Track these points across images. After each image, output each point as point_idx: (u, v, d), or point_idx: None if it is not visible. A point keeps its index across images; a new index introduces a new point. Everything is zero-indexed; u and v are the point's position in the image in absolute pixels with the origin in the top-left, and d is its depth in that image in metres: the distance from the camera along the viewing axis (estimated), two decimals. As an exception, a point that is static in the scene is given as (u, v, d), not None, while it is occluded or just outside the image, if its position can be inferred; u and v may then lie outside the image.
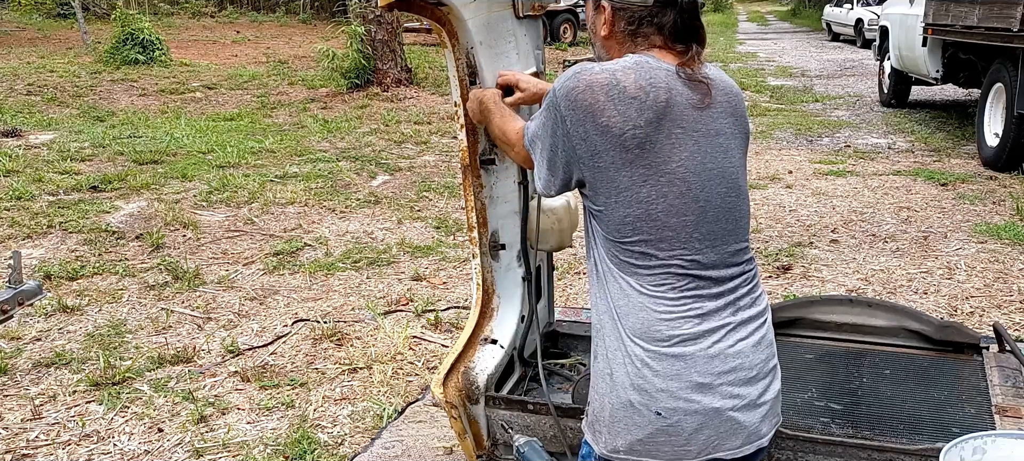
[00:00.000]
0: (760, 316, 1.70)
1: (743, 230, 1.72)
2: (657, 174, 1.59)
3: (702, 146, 1.63)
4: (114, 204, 6.02)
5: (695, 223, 1.62)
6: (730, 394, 1.61)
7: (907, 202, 6.07)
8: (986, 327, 3.75)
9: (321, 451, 2.95)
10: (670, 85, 1.60)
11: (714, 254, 1.65)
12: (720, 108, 1.68)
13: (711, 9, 40.85)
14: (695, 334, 1.61)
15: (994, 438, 1.77)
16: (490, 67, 2.17)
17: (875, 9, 17.47)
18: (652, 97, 1.58)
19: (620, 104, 1.57)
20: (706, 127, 1.64)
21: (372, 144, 8.36)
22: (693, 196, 1.61)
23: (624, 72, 1.60)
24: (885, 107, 10.75)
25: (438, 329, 3.97)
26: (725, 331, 1.63)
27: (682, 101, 1.61)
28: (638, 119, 1.56)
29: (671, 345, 1.59)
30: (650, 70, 1.61)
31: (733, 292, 1.67)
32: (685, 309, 1.62)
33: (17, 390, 3.42)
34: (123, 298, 4.39)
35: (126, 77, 12.37)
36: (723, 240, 1.66)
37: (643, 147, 1.57)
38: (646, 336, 1.61)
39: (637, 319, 1.61)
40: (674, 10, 1.67)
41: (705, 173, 1.63)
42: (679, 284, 1.62)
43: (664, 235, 1.60)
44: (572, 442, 2.21)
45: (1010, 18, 6.33)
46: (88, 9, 20.09)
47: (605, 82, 1.59)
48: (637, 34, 1.69)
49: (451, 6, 2.01)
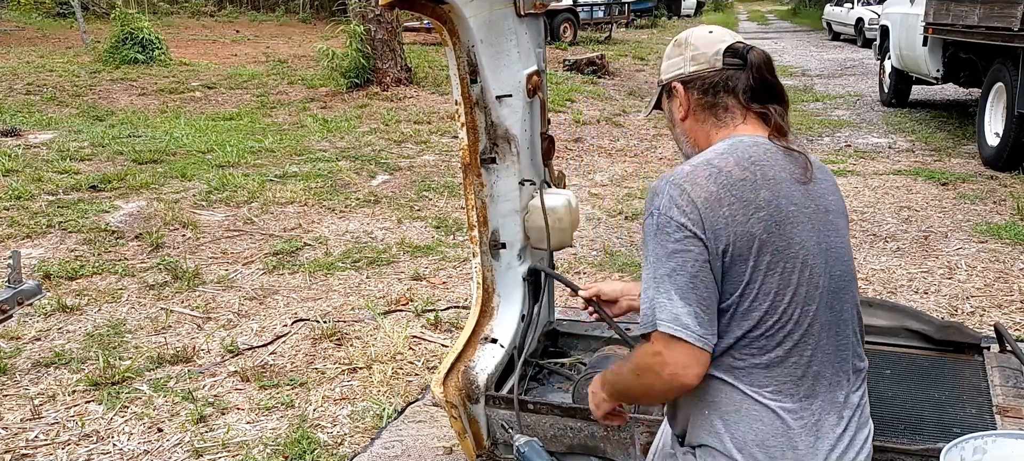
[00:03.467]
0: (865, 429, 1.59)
1: (859, 327, 1.58)
2: (783, 261, 1.42)
3: (816, 226, 1.48)
4: (113, 204, 6.01)
5: (815, 313, 1.46)
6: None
7: (908, 202, 6.06)
8: (987, 327, 3.74)
9: (321, 451, 2.94)
10: (772, 164, 1.47)
11: (835, 356, 1.50)
12: (822, 185, 1.54)
13: (711, 8, 40.87)
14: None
15: (995, 438, 1.77)
16: (491, 65, 2.16)
17: (876, 8, 17.47)
18: (760, 174, 1.44)
19: (733, 189, 1.42)
20: (815, 203, 1.50)
21: (372, 143, 8.35)
22: (813, 283, 1.45)
23: (721, 158, 1.46)
24: (886, 106, 10.75)
25: (438, 329, 3.96)
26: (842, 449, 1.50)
27: (787, 179, 1.47)
28: (756, 200, 1.42)
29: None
30: (745, 147, 1.48)
31: (853, 405, 1.54)
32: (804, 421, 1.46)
33: (16, 390, 3.42)
34: (122, 298, 4.39)
35: (125, 76, 12.36)
36: (843, 334, 1.51)
37: (769, 232, 1.41)
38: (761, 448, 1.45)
39: (750, 430, 1.46)
40: (746, 69, 1.55)
41: (823, 256, 1.47)
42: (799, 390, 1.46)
43: (785, 328, 1.43)
44: (572, 442, 2.21)
45: (1011, 18, 6.33)
46: (87, 8, 20.08)
47: (705, 173, 1.43)
48: (716, 104, 1.56)
49: (452, 5, 2.00)
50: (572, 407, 2.20)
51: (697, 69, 1.56)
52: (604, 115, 10.31)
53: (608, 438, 2.13)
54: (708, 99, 1.56)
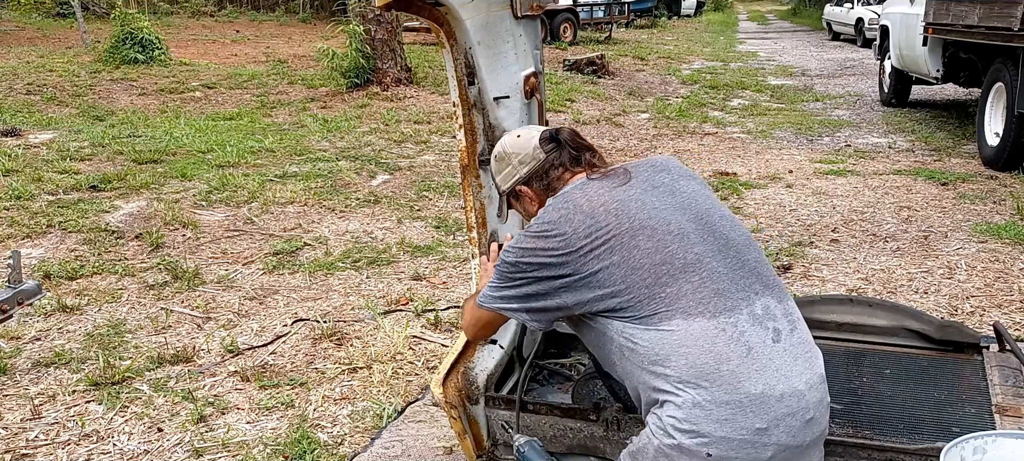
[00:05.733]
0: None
1: (744, 247, 1.81)
2: (617, 239, 1.73)
3: (646, 200, 1.79)
4: (113, 203, 6.01)
5: (685, 246, 1.73)
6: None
7: (907, 201, 6.06)
8: (986, 327, 3.75)
9: (321, 451, 2.94)
10: (585, 191, 1.82)
11: (733, 272, 1.74)
12: (646, 174, 1.87)
13: (711, 8, 40.86)
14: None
15: (994, 438, 1.77)
16: (489, 67, 2.16)
17: (875, 8, 17.47)
18: (572, 205, 1.79)
19: (553, 229, 1.77)
20: (640, 187, 1.82)
21: (372, 143, 8.35)
22: (663, 231, 1.74)
23: (545, 212, 1.83)
24: (885, 106, 10.75)
25: (438, 329, 3.96)
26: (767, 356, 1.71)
27: (603, 191, 1.80)
28: (572, 226, 1.75)
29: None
30: (563, 195, 1.85)
31: (775, 315, 1.74)
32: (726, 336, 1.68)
33: (16, 390, 3.42)
34: (122, 298, 4.39)
35: (125, 76, 12.36)
36: (732, 252, 1.77)
37: (591, 234, 1.73)
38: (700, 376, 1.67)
39: (683, 360, 1.67)
40: (562, 146, 1.93)
41: (661, 213, 1.77)
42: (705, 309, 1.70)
43: (660, 272, 1.69)
44: (571, 442, 2.21)
45: (1010, 17, 6.33)
46: (87, 8, 20.08)
47: (537, 230, 1.80)
48: (551, 182, 1.93)
49: (449, 6, 2.01)
50: (572, 407, 2.20)
51: (528, 168, 1.94)
52: (604, 115, 10.32)
53: (608, 438, 2.13)
54: (545, 182, 1.94)
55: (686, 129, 9.43)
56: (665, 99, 11.85)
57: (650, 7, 27.04)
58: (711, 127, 9.55)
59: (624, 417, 2.09)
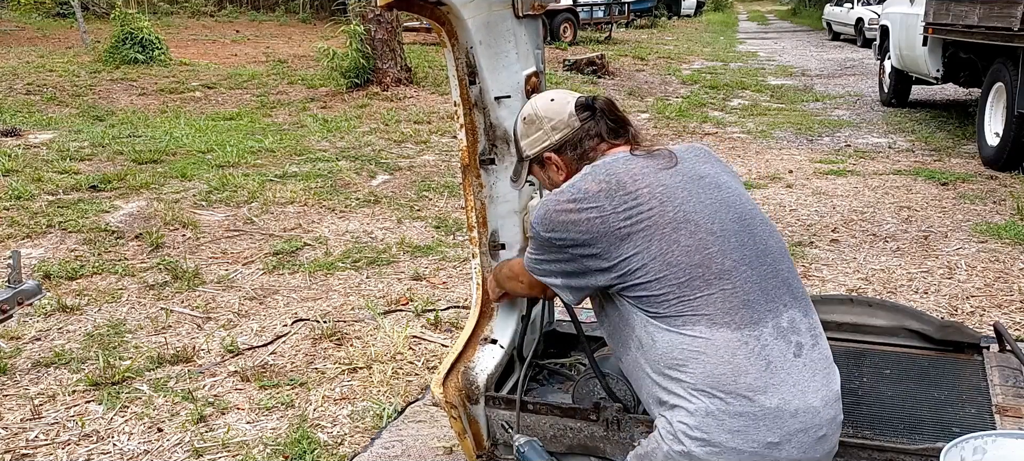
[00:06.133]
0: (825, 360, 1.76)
1: (778, 258, 1.77)
2: (659, 230, 1.66)
3: (692, 191, 1.72)
4: (113, 204, 6.01)
5: (722, 251, 1.67)
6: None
7: (907, 201, 6.06)
8: (986, 327, 3.75)
9: (321, 451, 2.94)
10: (628, 167, 1.74)
11: (763, 282, 1.70)
12: (692, 161, 1.80)
13: (711, 8, 40.86)
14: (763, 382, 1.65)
15: (994, 438, 1.77)
16: (490, 67, 2.16)
17: (875, 8, 17.47)
18: (615, 180, 1.71)
19: (590, 201, 1.69)
20: (685, 176, 1.74)
21: (372, 143, 8.35)
22: (705, 230, 1.68)
23: (582, 179, 1.75)
24: (885, 106, 10.75)
25: (438, 329, 3.96)
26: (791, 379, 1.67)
27: (649, 172, 1.73)
28: (612, 204, 1.68)
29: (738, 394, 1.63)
30: (605, 165, 1.77)
31: (800, 329, 1.71)
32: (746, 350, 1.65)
33: (16, 390, 3.42)
34: (122, 298, 4.39)
35: (125, 76, 12.36)
36: (767, 261, 1.72)
37: (631, 219, 1.67)
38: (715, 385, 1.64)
39: (700, 367, 1.64)
40: (596, 116, 1.86)
41: (706, 209, 1.70)
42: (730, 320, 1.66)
43: (694, 274, 1.65)
44: (571, 442, 2.21)
45: (1010, 17, 6.33)
46: (87, 8, 20.07)
47: (570, 197, 1.72)
48: (585, 152, 1.85)
49: (450, 5, 2.00)
50: (572, 407, 2.20)
51: (561, 135, 1.86)
52: (604, 115, 10.31)
53: (608, 438, 2.13)
54: (578, 152, 1.86)
55: (686, 129, 9.43)
56: (665, 99, 11.85)
57: (650, 7, 27.03)
58: (711, 127, 9.55)
59: (624, 417, 2.09)
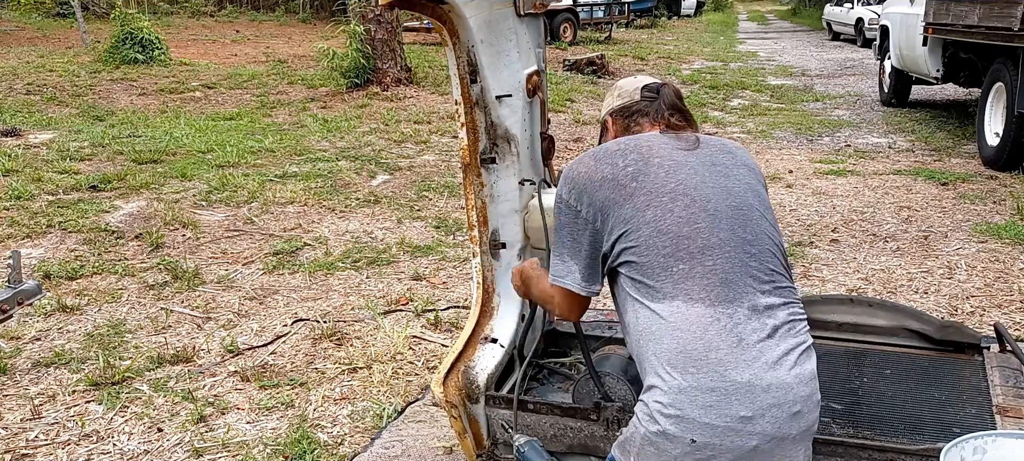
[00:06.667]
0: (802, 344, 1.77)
1: (767, 251, 1.78)
2: (657, 195, 1.74)
3: (699, 171, 1.79)
4: (113, 204, 6.01)
5: (711, 230, 1.72)
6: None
7: (907, 201, 6.06)
8: (987, 327, 3.75)
9: (321, 451, 2.94)
10: (651, 140, 1.85)
11: (747, 266, 1.72)
12: (712, 151, 1.86)
13: (711, 8, 40.86)
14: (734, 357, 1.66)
15: (995, 438, 1.77)
16: (491, 65, 2.16)
17: (875, 8, 17.48)
18: (634, 145, 1.83)
19: (607, 158, 1.81)
20: (699, 160, 1.82)
21: (372, 143, 8.35)
22: (700, 205, 1.73)
23: (607, 143, 1.89)
24: (885, 106, 10.75)
25: (438, 329, 3.96)
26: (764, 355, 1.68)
27: (667, 147, 1.83)
28: (625, 162, 1.79)
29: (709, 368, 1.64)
30: (630, 136, 1.90)
31: (777, 315, 1.72)
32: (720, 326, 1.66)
33: (16, 390, 3.42)
34: (122, 298, 4.39)
35: (125, 76, 12.36)
36: (752, 249, 1.75)
37: (637, 179, 1.76)
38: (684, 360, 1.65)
39: (673, 342, 1.66)
40: (659, 99, 1.97)
41: (707, 190, 1.76)
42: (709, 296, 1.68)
43: (681, 245, 1.70)
44: (571, 442, 2.21)
45: (1010, 17, 6.33)
46: (87, 8, 20.08)
47: (591, 154, 1.86)
48: (629, 125, 1.98)
49: (452, 4, 2.00)
50: (572, 407, 2.20)
51: (621, 102, 2.01)
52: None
53: (608, 438, 2.13)
54: (626, 122, 1.99)
55: (686, 129, 9.42)
56: (665, 99, 11.84)
57: (650, 7, 27.03)
58: (711, 127, 9.54)
59: (624, 416, 2.09)
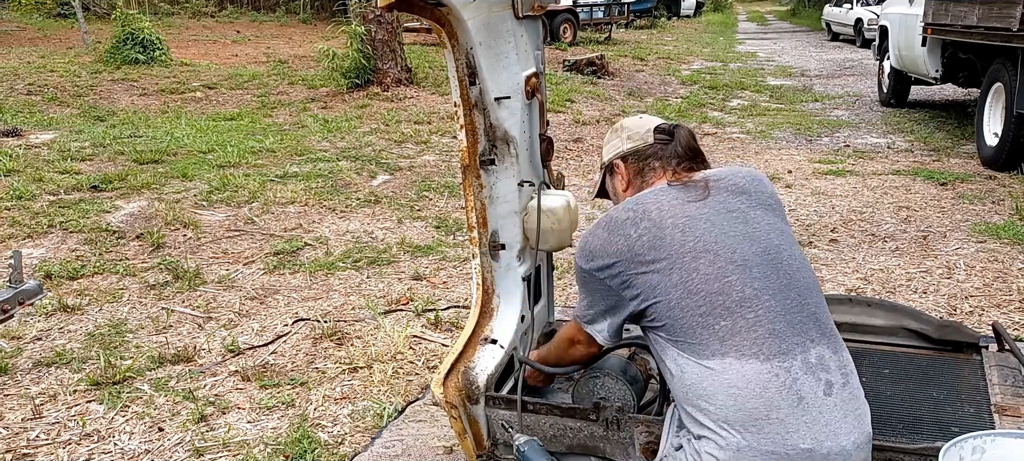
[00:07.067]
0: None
1: (804, 292, 1.74)
2: (679, 258, 1.70)
3: (716, 223, 1.74)
4: (114, 204, 6.02)
5: (745, 280, 1.68)
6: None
7: (906, 201, 6.07)
8: (985, 326, 3.75)
9: (321, 450, 2.95)
10: (659, 199, 1.80)
11: (789, 314, 1.68)
12: (724, 196, 1.81)
13: (711, 9, 40.86)
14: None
15: (993, 437, 1.78)
16: (490, 67, 2.17)
17: (875, 9, 17.48)
18: (642, 211, 1.78)
19: (619, 229, 1.77)
20: (713, 210, 1.77)
21: (372, 144, 8.36)
22: (726, 258, 1.69)
23: (616, 210, 1.84)
24: (884, 107, 10.75)
25: (438, 328, 3.97)
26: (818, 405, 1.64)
27: (677, 203, 1.77)
28: (637, 231, 1.75)
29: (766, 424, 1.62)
30: (638, 198, 1.83)
31: (829, 367, 1.68)
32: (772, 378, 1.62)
33: (17, 389, 3.43)
34: (123, 298, 4.40)
35: (126, 77, 12.37)
36: (792, 293, 1.71)
37: (654, 247, 1.72)
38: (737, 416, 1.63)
39: (730, 400, 1.63)
40: (673, 142, 1.91)
41: (728, 240, 1.72)
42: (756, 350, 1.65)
43: (715, 302, 1.66)
44: (571, 442, 2.22)
45: (1010, 18, 6.33)
46: (88, 9, 20.09)
47: (603, 224, 1.82)
48: (643, 169, 1.92)
49: (450, 6, 2.01)
50: (572, 407, 2.20)
51: (632, 145, 1.94)
52: (604, 115, 10.32)
53: (608, 438, 2.14)
54: (639, 166, 1.93)
55: (686, 129, 9.43)
56: (665, 99, 11.86)
57: (650, 7, 27.04)
58: (710, 127, 9.55)
59: (624, 417, 2.10)
